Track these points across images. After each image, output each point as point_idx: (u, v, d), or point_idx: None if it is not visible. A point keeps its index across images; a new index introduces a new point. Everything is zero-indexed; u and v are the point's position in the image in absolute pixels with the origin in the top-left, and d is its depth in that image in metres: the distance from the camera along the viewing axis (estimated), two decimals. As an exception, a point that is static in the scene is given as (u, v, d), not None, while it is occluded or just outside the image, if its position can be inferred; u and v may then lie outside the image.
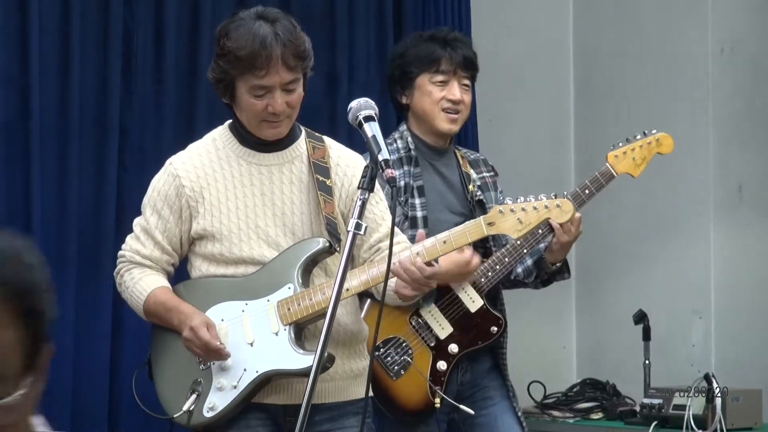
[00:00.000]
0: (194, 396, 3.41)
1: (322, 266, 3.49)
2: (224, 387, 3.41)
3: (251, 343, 3.42)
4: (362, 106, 3.09)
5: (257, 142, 3.50)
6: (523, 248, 4.05)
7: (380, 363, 3.96)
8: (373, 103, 3.12)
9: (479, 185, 4.21)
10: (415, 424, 4.01)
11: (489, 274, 4.06)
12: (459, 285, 4.04)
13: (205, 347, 3.36)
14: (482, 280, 4.05)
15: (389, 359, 3.98)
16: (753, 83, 5.38)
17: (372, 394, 3.60)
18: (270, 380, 3.40)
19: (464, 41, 4.26)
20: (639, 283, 5.61)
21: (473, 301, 4.05)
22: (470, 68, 4.21)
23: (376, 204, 3.53)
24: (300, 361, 3.34)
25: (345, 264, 2.88)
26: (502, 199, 4.20)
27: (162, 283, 3.51)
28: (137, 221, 3.57)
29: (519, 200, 3.51)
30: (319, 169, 3.49)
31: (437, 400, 3.96)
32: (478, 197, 4.18)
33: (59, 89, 4.66)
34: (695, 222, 5.43)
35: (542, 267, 4.12)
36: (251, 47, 3.33)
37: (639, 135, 4.16)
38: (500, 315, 4.10)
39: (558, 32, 6.00)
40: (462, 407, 3.96)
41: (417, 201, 4.08)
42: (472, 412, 3.97)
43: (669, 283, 5.51)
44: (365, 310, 3.77)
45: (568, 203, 3.57)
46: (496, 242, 4.13)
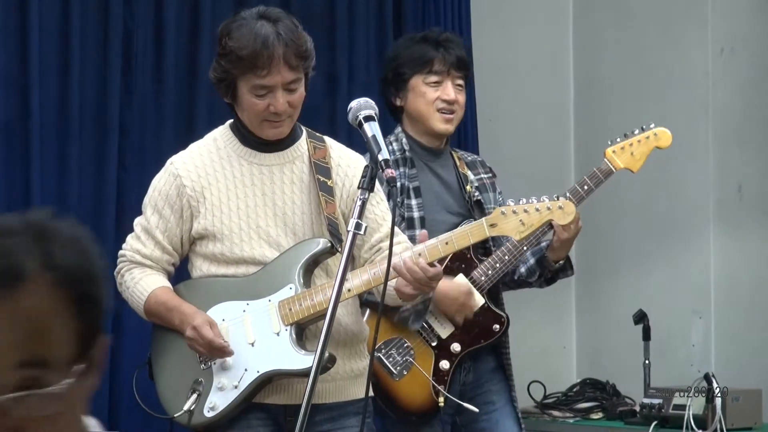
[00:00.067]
0: (195, 396, 3.41)
1: (323, 267, 3.48)
2: (225, 387, 3.41)
3: (252, 343, 3.42)
4: (362, 106, 3.10)
5: (258, 142, 3.50)
6: (524, 246, 4.03)
7: (382, 364, 3.95)
8: (373, 103, 3.14)
9: (477, 186, 4.20)
10: (419, 425, 4.00)
11: (489, 273, 4.05)
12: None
13: (209, 345, 3.36)
14: (483, 279, 4.04)
15: (391, 360, 3.97)
16: (753, 83, 5.38)
17: (373, 394, 3.60)
18: (271, 380, 3.40)
19: (456, 42, 4.25)
20: (639, 283, 5.61)
21: (474, 302, 4.04)
22: (463, 68, 4.20)
23: (377, 204, 3.53)
24: (301, 362, 3.34)
25: (345, 264, 2.88)
26: (501, 200, 4.20)
27: (163, 283, 3.51)
28: (138, 221, 3.56)
29: (521, 201, 3.51)
30: (320, 170, 3.49)
31: (441, 399, 3.95)
32: (476, 198, 4.17)
33: (59, 89, 4.66)
34: (695, 222, 5.42)
35: (545, 266, 4.11)
36: (253, 47, 3.33)
37: (637, 130, 4.14)
38: (503, 313, 4.10)
39: (558, 32, 6.00)
40: (466, 405, 3.96)
41: (413, 202, 4.07)
42: (477, 410, 3.96)
43: (669, 283, 5.50)
44: (366, 315, 3.76)
45: (570, 204, 3.57)
46: (496, 242, 4.12)
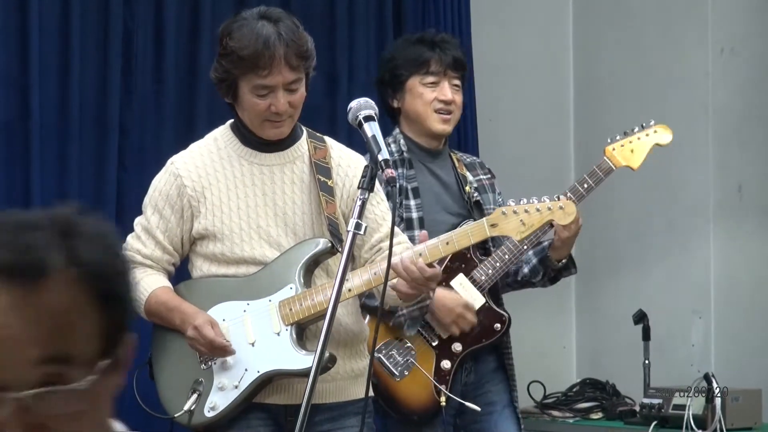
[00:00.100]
0: (195, 396, 3.41)
1: (324, 267, 3.48)
2: (225, 387, 3.41)
3: (252, 343, 3.41)
4: (362, 106, 3.10)
5: (259, 142, 3.49)
6: (524, 244, 4.03)
7: (383, 364, 3.95)
8: (373, 103, 3.14)
9: (476, 187, 4.20)
10: (421, 426, 3.99)
11: (489, 272, 4.04)
12: (459, 283, 4.04)
13: (211, 345, 3.36)
14: (483, 278, 4.04)
15: (392, 360, 3.97)
16: (753, 83, 5.38)
17: (373, 395, 3.60)
18: (271, 380, 3.40)
19: (453, 42, 4.25)
20: (639, 283, 5.61)
21: (474, 300, 4.04)
22: (460, 68, 4.20)
23: (377, 204, 3.53)
24: (302, 362, 3.33)
25: (345, 264, 2.88)
26: (501, 201, 4.20)
27: (163, 283, 3.50)
28: (138, 221, 3.56)
29: (522, 202, 3.50)
30: (321, 170, 3.49)
31: (443, 399, 3.95)
32: (475, 199, 4.17)
33: (59, 89, 4.66)
34: (695, 222, 5.42)
35: (548, 265, 4.10)
36: (254, 47, 3.33)
37: (637, 128, 4.14)
38: (504, 312, 4.10)
39: (558, 32, 6.00)
40: (468, 404, 3.95)
41: (412, 202, 4.07)
42: (478, 409, 3.95)
43: (669, 283, 5.50)
44: (367, 319, 3.75)
45: (571, 205, 3.57)
46: (495, 242, 4.12)
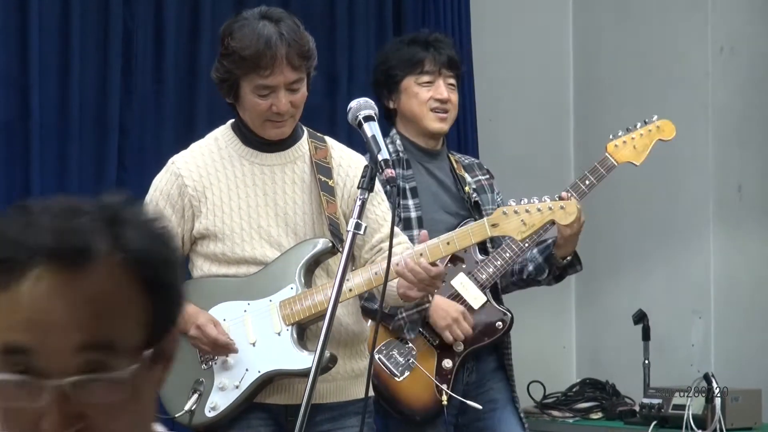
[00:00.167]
0: (196, 395, 3.40)
1: (324, 267, 3.48)
2: (226, 387, 3.41)
3: (253, 343, 3.41)
4: (362, 106, 3.10)
5: (260, 142, 3.49)
6: (524, 242, 4.01)
7: (384, 365, 3.94)
8: (373, 103, 3.15)
9: (474, 188, 4.19)
10: (423, 426, 3.99)
11: (490, 270, 4.03)
12: (459, 283, 4.04)
13: (214, 343, 3.36)
14: (483, 277, 4.03)
15: (392, 361, 3.96)
16: (753, 83, 5.38)
17: (373, 395, 3.60)
18: (272, 380, 3.40)
19: (446, 42, 4.26)
20: (639, 283, 5.61)
21: (475, 298, 4.03)
22: (454, 67, 4.20)
23: (378, 205, 3.53)
24: (302, 361, 3.33)
25: (345, 264, 2.88)
26: (500, 201, 4.20)
27: (164, 283, 3.49)
28: (139, 221, 3.55)
29: (523, 202, 3.50)
30: (322, 170, 3.49)
31: (444, 398, 3.94)
32: (474, 199, 4.17)
33: (59, 89, 4.66)
34: (695, 222, 5.42)
35: (553, 263, 4.08)
36: (256, 47, 3.33)
37: (639, 123, 4.12)
38: (507, 310, 4.09)
39: (558, 32, 6.00)
40: (470, 403, 3.94)
41: (410, 202, 4.06)
42: (480, 407, 3.95)
43: (669, 283, 5.50)
44: (369, 322, 3.74)
45: (572, 205, 3.56)
46: (495, 242, 4.11)
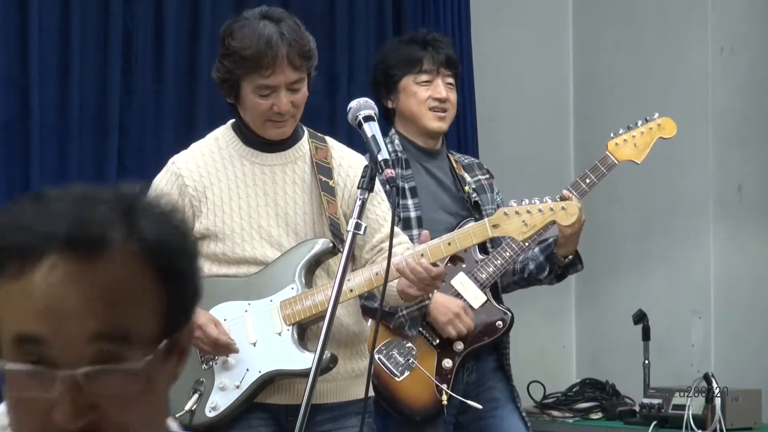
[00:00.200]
0: (196, 396, 3.40)
1: (325, 267, 3.48)
2: (227, 387, 3.41)
3: (254, 343, 3.41)
4: (362, 106, 3.11)
5: (260, 142, 3.49)
6: (525, 242, 4.00)
7: (384, 365, 3.94)
8: (373, 103, 3.15)
9: (474, 188, 4.19)
10: (423, 426, 3.99)
11: (490, 270, 4.03)
12: (459, 282, 4.04)
13: (215, 343, 3.36)
14: (483, 276, 4.02)
15: (392, 361, 3.96)
16: (753, 83, 5.38)
17: (373, 395, 3.60)
18: (273, 380, 3.40)
19: (444, 41, 4.26)
20: (639, 283, 5.61)
21: (475, 298, 4.03)
22: (453, 67, 4.20)
23: (378, 205, 3.53)
24: (303, 362, 3.32)
25: (345, 264, 2.89)
26: (500, 200, 4.20)
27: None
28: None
29: (524, 202, 3.50)
30: (322, 170, 3.49)
31: (444, 398, 3.94)
32: (474, 199, 4.16)
33: (59, 89, 4.66)
34: (695, 222, 5.42)
35: (554, 261, 4.07)
36: (257, 47, 3.33)
37: (640, 121, 4.10)
38: (507, 310, 4.09)
39: (558, 32, 6.00)
40: (470, 402, 3.94)
41: (410, 202, 4.06)
42: (480, 407, 3.94)
43: (669, 283, 5.50)
44: (369, 322, 3.74)
45: (574, 206, 3.56)
46: (494, 241, 4.11)
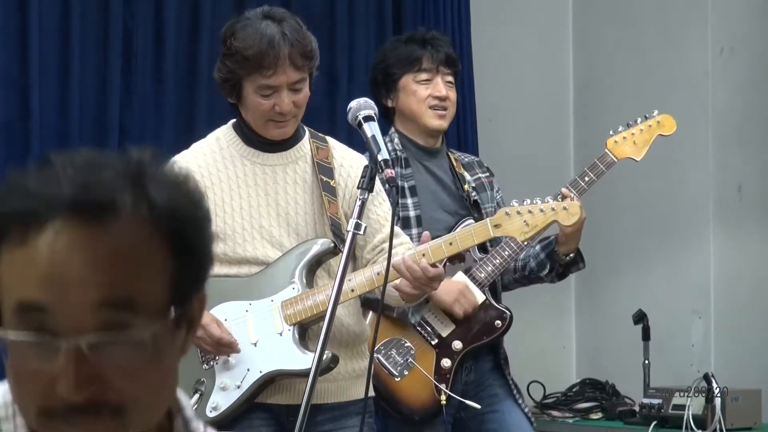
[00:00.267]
0: (197, 395, 3.40)
1: (326, 267, 3.48)
2: (227, 387, 3.41)
3: (255, 343, 3.41)
4: (362, 106, 3.11)
5: (261, 142, 3.49)
6: (525, 242, 3.99)
7: (382, 365, 3.94)
8: (373, 103, 3.16)
9: (474, 186, 4.19)
10: (422, 426, 3.99)
11: (489, 269, 4.02)
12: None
13: (218, 343, 3.36)
14: (481, 275, 4.02)
15: (391, 360, 3.96)
16: (753, 83, 5.38)
17: (374, 395, 3.60)
18: (274, 380, 3.40)
19: (443, 40, 4.26)
20: (639, 283, 5.61)
21: (474, 297, 4.03)
22: (452, 65, 4.20)
23: (379, 205, 3.52)
24: (304, 362, 3.32)
25: (345, 264, 2.89)
26: (500, 198, 4.20)
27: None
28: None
29: (525, 202, 3.50)
30: (323, 170, 3.49)
31: (443, 398, 3.94)
32: (474, 198, 4.16)
33: (59, 89, 4.67)
34: (695, 222, 5.43)
35: (555, 259, 4.06)
36: (259, 47, 3.33)
37: (640, 119, 4.08)
38: (506, 309, 4.08)
39: (558, 32, 6.00)
40: (468, 402, 3.94)
41: (409, 201, 4.06)
42: (478, 406, 3.94)
43: (669, 283, 5.51)
44: (369, 319, 3.75)
45: (575, 206, 3.56)
46: (493, 240, 4.10)
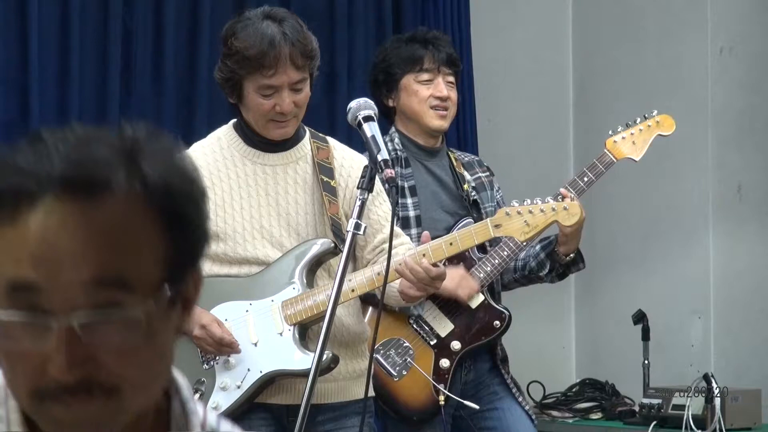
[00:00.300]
0: (197, 395, 3.40)
1: (326, 267, 3.48)
2: (228, 387, 3.41)
3: (255, 343, 3.41)
4: (362, 106, 3.11)
5: (262, 142, 3.49)
6: (525, 242, 3.97)
7: (381, 365, 3.94)
8: (373, 104, 3.16)
9: (474, 186, 4.19)
10: (421, 426, 3.99)
11: (488, 269, 4.02)
12: None
13: (219, 343, 3.36)
14: (481, 275, 4.01)
15: (390, 361, 3.96)
16: (753, 83, 5.39)
17: (374, 395, 3.60)
18: (274, 380, 3.40)
19: (445, 40, 4.26)
20: (639, 283, 5.61)
21: (473, 298, 4.03)
22: (453, 65, 4.20)
23: (380, 205, 3.52)
24: (304, 362, 3.32)
25: (344, 264, 2.89)
26: (500, 197, 4.19)
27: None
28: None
29: (525, 202, 3.50)
30: (324, 170, 3.49)
31: (441, 398, 3.94)
32: (473, 198, 4.16)
33: (59, 89, 4.66)
34: (695, 222, 5.43)
35: (555, 259, 4.05)
36: (260, 47, 3.33)
37: (639, 119, 4.08)
38: (504, 309, 4.08)
39: (558, 32, 6.00)
40: (467, 402, 3.94)
41: (409, 201, 4.06)
42: (477, 407, 3.94)
43: (668, 283, 5.51)
44: (368, 316, 3.75)
45: (575, 206, 3.56)
46: (493, 240, 4.09)
